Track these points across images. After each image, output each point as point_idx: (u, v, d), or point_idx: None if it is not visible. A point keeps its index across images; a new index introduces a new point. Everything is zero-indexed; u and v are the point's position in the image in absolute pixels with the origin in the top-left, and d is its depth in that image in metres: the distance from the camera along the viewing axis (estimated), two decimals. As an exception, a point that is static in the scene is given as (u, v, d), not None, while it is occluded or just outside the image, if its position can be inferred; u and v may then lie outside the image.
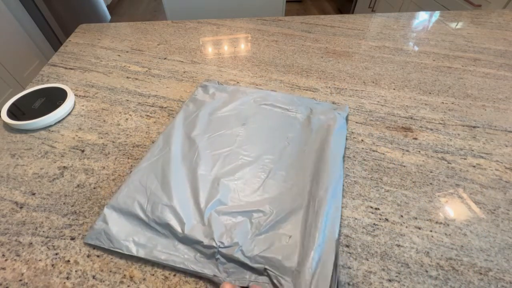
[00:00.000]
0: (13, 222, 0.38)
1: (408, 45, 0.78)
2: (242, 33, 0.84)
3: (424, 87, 0.62)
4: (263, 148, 0.46)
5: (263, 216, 0.36)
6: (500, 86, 0.62)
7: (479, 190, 0.42)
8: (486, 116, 0.55)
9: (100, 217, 0.37)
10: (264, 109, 0.53)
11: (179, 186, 0.39)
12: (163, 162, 0.43)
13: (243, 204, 0.38)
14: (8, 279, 0.33)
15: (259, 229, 0.35)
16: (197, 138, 0.47)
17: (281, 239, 0.34)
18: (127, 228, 0.36)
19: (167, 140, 0.46)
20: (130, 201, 0.38)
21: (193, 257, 0.33)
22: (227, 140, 0.47)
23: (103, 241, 0.35)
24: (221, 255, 0.33)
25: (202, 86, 0.59)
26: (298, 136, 0.48)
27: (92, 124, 0.53)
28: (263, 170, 0.42)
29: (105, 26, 0.89)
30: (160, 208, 0.37)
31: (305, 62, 0.71)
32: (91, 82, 0.64)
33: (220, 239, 0.33)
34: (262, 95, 0.56)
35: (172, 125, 0.50)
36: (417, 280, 0.33)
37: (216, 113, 0.52)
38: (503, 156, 0.47)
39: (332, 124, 0.49)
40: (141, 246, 0.34)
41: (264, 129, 0.50)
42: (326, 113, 0.52)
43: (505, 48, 0.76)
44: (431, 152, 0.48)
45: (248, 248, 0.33)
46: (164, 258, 0.33)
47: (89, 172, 0.45)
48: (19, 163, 0.46)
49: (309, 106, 0.54)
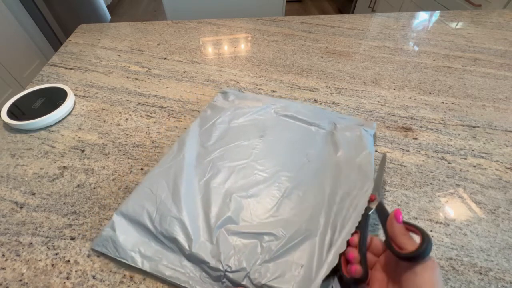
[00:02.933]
0: (13, 222, 0.38)
1: (408, 45, 0.78)
2: (242, 33, 0.84)
3: (424, 87, 0.62)
4: (280, 164, 0.43)
5: (274, 241, 0.34)
6: (500, 86, 0.62)
7: (479, 190, 0.42)
8: (486, 116, 0.55)
9: (109, 223, 0.36)
10: (284, 121, 0.50)
11: (190, 198, 0.38)
12: (175, 170, 0.41)
13: (254, 225, 0.36)
14: (8, 279, 0.33)
15: (269, 254, 0.32)
16: (212, 148, 0.45)
17: (292, 268, 0.31)
18: (134, 237, 0.35)
19: (181, 147, 0.45)
20: (139, 209, 0.37)
21: (199, 276, 0.32)
22: (243, 152, 0.45)
23: (110, 249, 0.34)
24: (228, 279, 0.31)
25: (222, 93, 0.57)
26: (319, 154, 0.44)
27: (92, 124, 0.53)
28: (278, 188, 0.39)
29: (105, 26, 0.89)
30: (169, 220, 0.35)
31: (305, 62, 0.71)
32: (91, 82, 0.64)
33: (228, 262, 0.32)
34: (283, 105, 0.53)
35: (188, 131, 0.48)
36: (417, 280, 0.33)
37: (234, 122, 0.50)
38: (503, 156, 0.47)
39: (358, 143, 0.45)
40: (146, 259, 0.33)
41: (282, 142, 0.46)
42: (351, 130, 0.47)
43: (505, 48, 0.76)
44: (431, 152, 0.48)
45: (256, 276, 0.31)
46: (169, 274, 0.32)
47: (89, 172, 0.45)
48: (19, 163, 0.46)
49: (333, 120, 0.50)
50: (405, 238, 0.25)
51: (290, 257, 0.32)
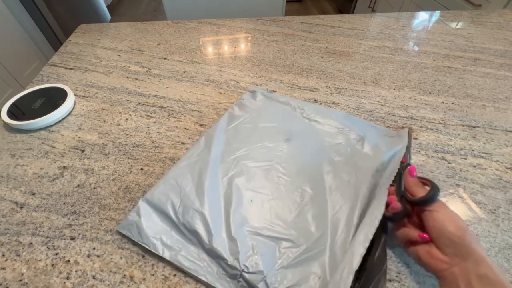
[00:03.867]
0: (13, 222, 0.38)
1: (408, 45, 0.78)
2: (242, 33, 0.84)
3: (424, 87, 0.62)
4: (303, 169, 0.42)
5: (293, 248, 0.33)
6: (500, 86, 0.62)
7: (479, 190, 0.42)
8: (486, 116, 0.55)
9: (134, 208, 0.37)
10: (311, 126, 0.49)
11: (213, 193, 0.38)
12: (201, 165, 0.42)
13: (274, 228, 0.36)
14: (8, 279, 0.33)
15: (287, 261, 0.32)
16: (238, 146, 0.45)
17: (310, 278, 0.31)
18: (157, 225, 0.36)
19: (208, 142, 0.45)
20: (164, 198, 0.38)
21: (216, 272, 0.32)
22: (268, 154, 0.44)
23: (134, 233, 0.35)
24: (244, 279, 0.31)
25: (251, 92, 0.57)
26: (345, 163, 0.43)
27: (92, 124, 0.53)
28: (300, 195, 0.39)
29: (105, 26, 0.89)
30: (191, 212, 0.36)
31: (305, 62, 0.71)
32: (91, 82, 0.64)
33: (245, 262, 0.32)
34: (313, 110, 0.52)
35: (215, 127, 0.48)
36: (417, 280, 0.33)
37: (260, 122, 0.50)
38: (503, 156, 0.47)
39: (388, 155, 0.43)
40: (167, 247, 0.34)
41: (308, 148, 0.46)
42: (381, 140, 0.46)
43: (505, 48, 0.76)
44: (431, 152, 0.48)
45: (273, 280, 0.31)
46: (187, 265, 0.33)
47: (89, 172, 0.45)
48: (19, 163, 0.46)
49: (363, 129, 0.48)
50: (417, 187, 0.31)
51: (308, 266, 0.32)
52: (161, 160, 0.46)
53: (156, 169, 0.45)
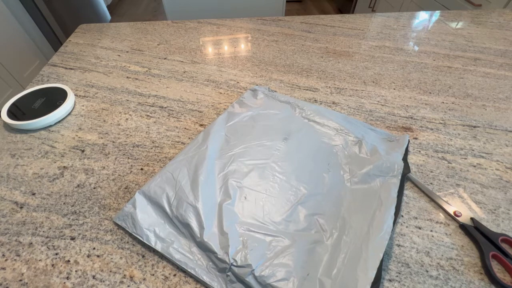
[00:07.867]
0: (13, 222, 0.38)
1: (408, 45, 0.78)
2: (242, 33, 0.84)
3: (424, 87, 0.62)
4: (299, 170, 0.42)
5: (283, 244, 0.34)
6: (500, 85, 0.62)
7: (479, 190, 0.42)
8: (486, 115, 0.55)
9: (131, 200, 0.38)
10: (310, 127, 0.49)
11: (208, 188, 0.39)
12: (197, 160, 0.42)
13: (266, 226, 0.36)
14: (8, 279, 0.33)
15: (276, 256, 0.33)
16: (235, 143, 0.46)
17: (298, 274, 0.32)
18: (151, 217, 0.37)
19: (206, 138, 0.46)
20: (159, 191, 0.38)
21: (205, 265, 0.33)
22: (265, 152, 0.45)
23: (128, 224, 0.36)
24: (232, 273, 0.32)
25: (252, 90, 0.58)
26: (340, 164, 0.43)
27: (92, 124, 0.53)
28: (294, 194, 0.39)
29: (105, 26, 0.89)
30: (185, 206, 0.36)
31: (305, 62, 0.71)
32: (91, 82, 0.64)
33: (235, 256, 0.32)
34: (313, 110, 0.52)
35: (214, 124, 0.49)
36: (417, 280, 0.33)
37: (259, 120, 0.50)
38: (503, 156, 0.47)
39: (382, 160, 0.43)
40: (160, 239, 0.35)
41: (305, 148, 0.46)
42: (379, 144, 0.46)
43: (505, 47, 0.76)
44: (432, 152, 0.48)
45: (261, 274, 0.31)
46: (178, 258, 0.33)
47: (89, 172, 0.45)
48: (19, 163, 0.46)
49: (362, 131, 0.48)
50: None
51: (297, 262, 0.32)
52: (161, 160, 0.46)
53: (156, 169, 0.45)
